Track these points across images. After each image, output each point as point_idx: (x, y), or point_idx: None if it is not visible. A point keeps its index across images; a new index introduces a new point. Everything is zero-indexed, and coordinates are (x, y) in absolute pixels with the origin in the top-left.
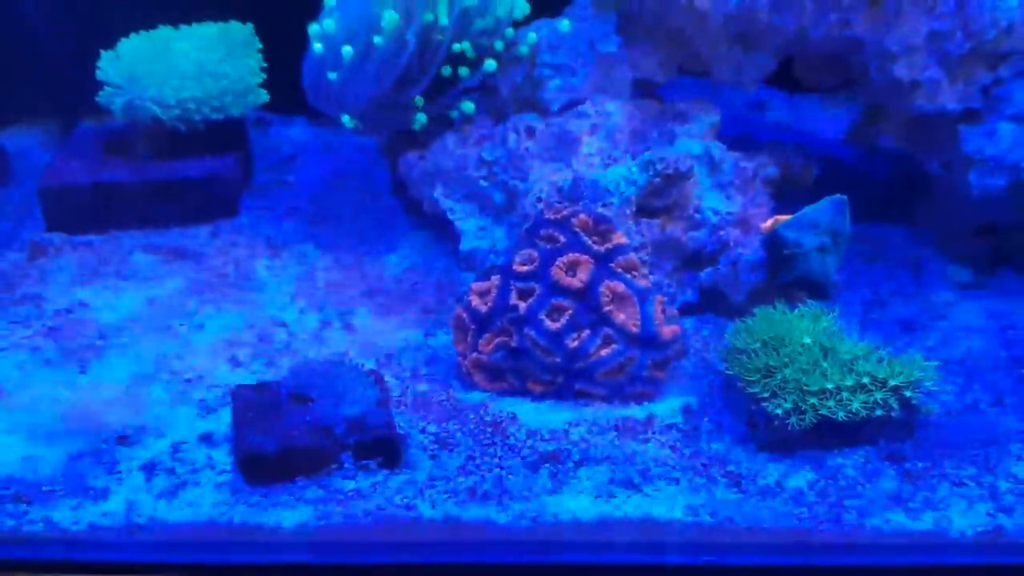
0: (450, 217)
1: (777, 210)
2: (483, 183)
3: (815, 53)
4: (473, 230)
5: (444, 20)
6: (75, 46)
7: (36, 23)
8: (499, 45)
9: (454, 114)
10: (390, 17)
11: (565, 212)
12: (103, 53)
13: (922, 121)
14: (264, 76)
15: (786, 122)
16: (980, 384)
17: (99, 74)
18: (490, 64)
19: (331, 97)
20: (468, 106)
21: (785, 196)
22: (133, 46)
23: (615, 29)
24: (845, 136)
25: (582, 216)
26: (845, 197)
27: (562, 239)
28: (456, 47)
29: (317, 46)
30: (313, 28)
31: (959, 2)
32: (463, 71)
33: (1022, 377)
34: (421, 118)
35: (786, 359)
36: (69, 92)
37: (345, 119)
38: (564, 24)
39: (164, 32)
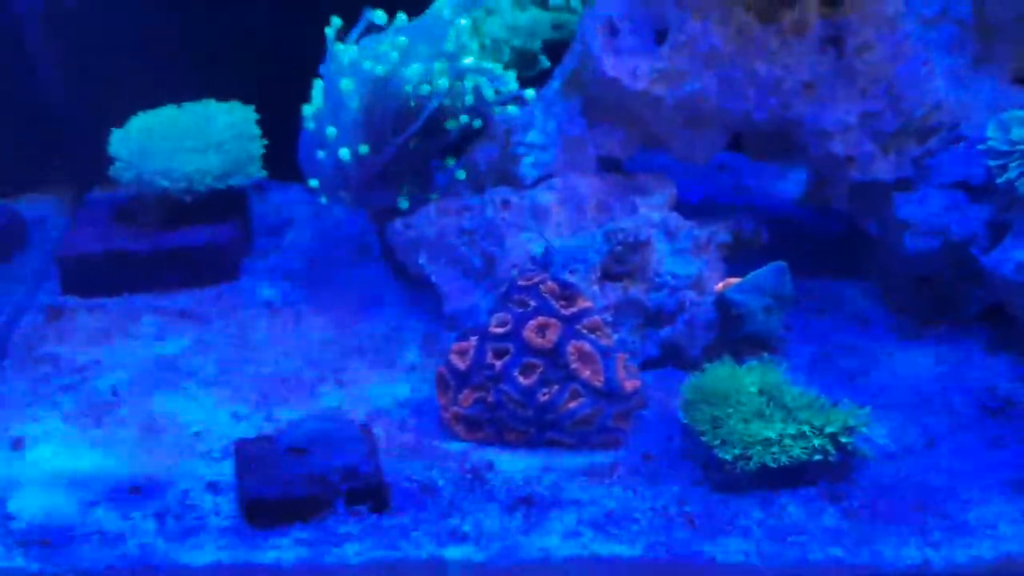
0: (433, 280)
1: (729, 272)
2: (463, 250)
3: (760, 131)
4: (455, 293)
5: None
6: (87, 118)
7: (50, 96)
8: (477, 124)
9: (433, 197)
10: (346, 85)
11: (535, 279)
12: (114, 131)
13: (861, 188)
14: (263, 151)
15: (746, 184)
16: (915, 428)
17: (110, 149)
18: (460, 174)
19: (320, 173)
20: (461, 174)
21: (739, 258)
22: (141, 124)
23: (580, 112)
24: (799, 198)
25: (550, 283)
26: (785, 263)
27: (532, 304)
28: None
29: (310, 125)
30: (307, 109)
31: (889, 84)
32: (450, 161)
33: (954, 422)
34: (403, 204)
35: (732, 409)
36: (82, 162)
37: (324, 200)
38: (530, 92)
39: (170, 111)
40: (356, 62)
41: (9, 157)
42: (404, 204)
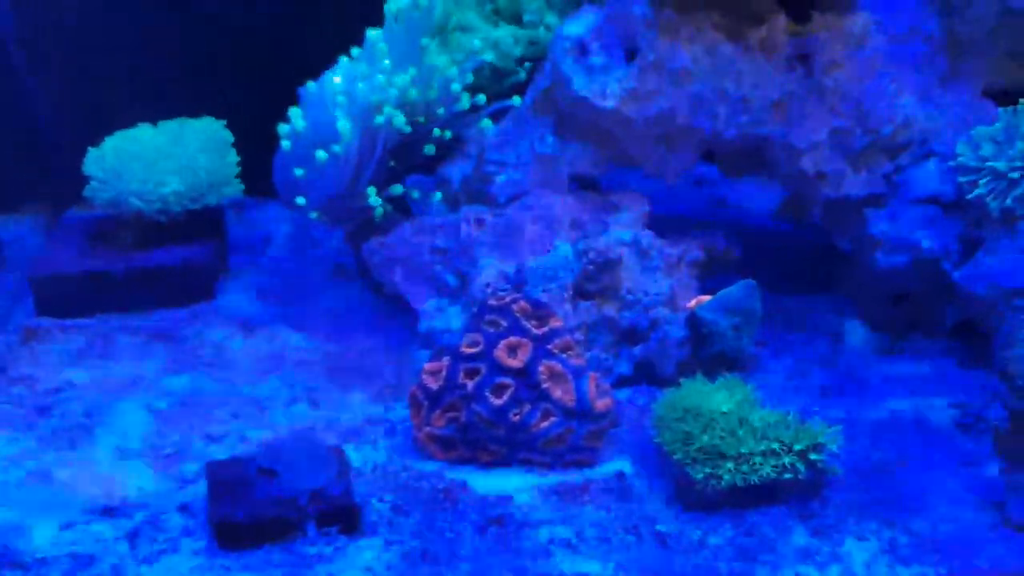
0: (408, 299)
1: (702, 289)
2: (438, 268)
3: (732, 148)
4: (430, 311)
5: (405, 127)
6: (63, 137)
7: (26, 116)
8: (448, 135)
9: (415, 194)
10: (344, 127)
11: (507, 299)
12: (89, 150)
13: (833, 204)
14: (239, 169)
15: (721, 198)
16: (888, 444)
17: (85, 169)
18: (436, 196)
19: (298, 192)
20: (437, 195)
21: (712, 274)
22: (116, 144)
23: (553, 130)
24: (774, 212)
25: (522, 303)
26: (755, 281)
27: (504, 323)
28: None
29: (286, 143)
30: (283, 128)
31: (857, 101)
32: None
33: (926, 439)
34: (379, 212)
35: (704, 427)
36: (58, 182)
37: (314, 215)
38: (516, 99)
39: (144, 130)
40: (348, 91)
41: None
42: (376, 202)
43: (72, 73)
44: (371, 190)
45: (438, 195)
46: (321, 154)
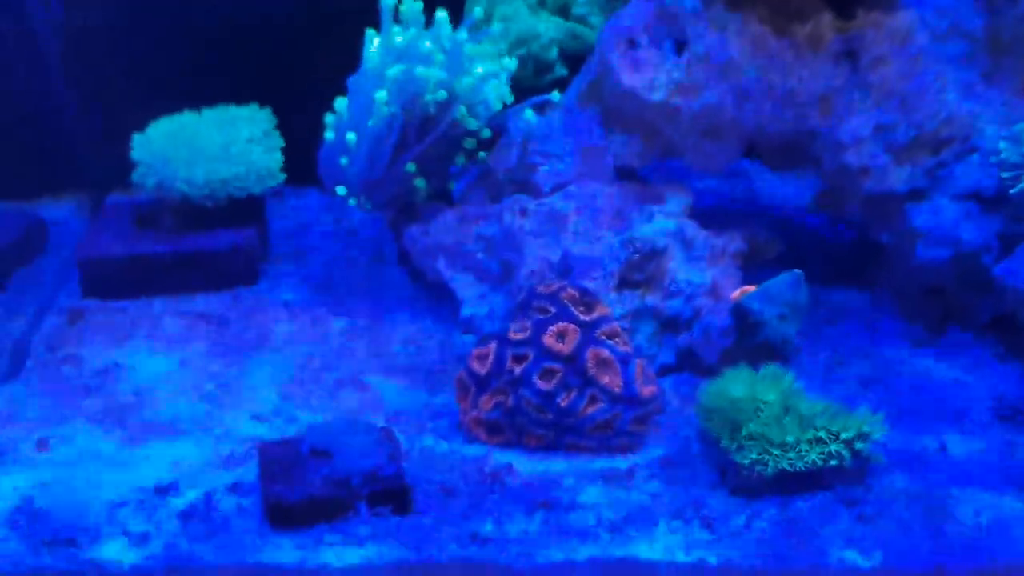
0: (451, 286)
1: (745, 280)
2: (481, 256)
3: (775, 142)
4: (472, 298)
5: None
6: (104, 122)
7: (68, 99)
8: (487, 133)
9: (452, 185)
10: (380, 96)
11: (555, 287)
12: (135, 136)
13: (874, 198)
14: (283, 158)
15: (760, 191)
16: (927, 434)
17: (132, 154)
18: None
19: (340, 179)
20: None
21: (753, 266)
22: (162, 130)
23: (599, 122)
24: (811, 206)
25: (570, 290)
26: (801, 272)
27: (552, 310)
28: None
29: (329, 134)
30: (329, 118)
31: (902, 97)
32: (469, 143)
33: (966, 429)
34: (420, 183)
35: (750, 415)
36: (100, 165)
37: (352, 202)
38: (555, 94)
39: (190, 117)
40: (385, 66)
41: (28, 160)
42: (421, 183)
43: (112, 59)
44: (411, 166)
45: (483, 154)
46: (351, 136)
